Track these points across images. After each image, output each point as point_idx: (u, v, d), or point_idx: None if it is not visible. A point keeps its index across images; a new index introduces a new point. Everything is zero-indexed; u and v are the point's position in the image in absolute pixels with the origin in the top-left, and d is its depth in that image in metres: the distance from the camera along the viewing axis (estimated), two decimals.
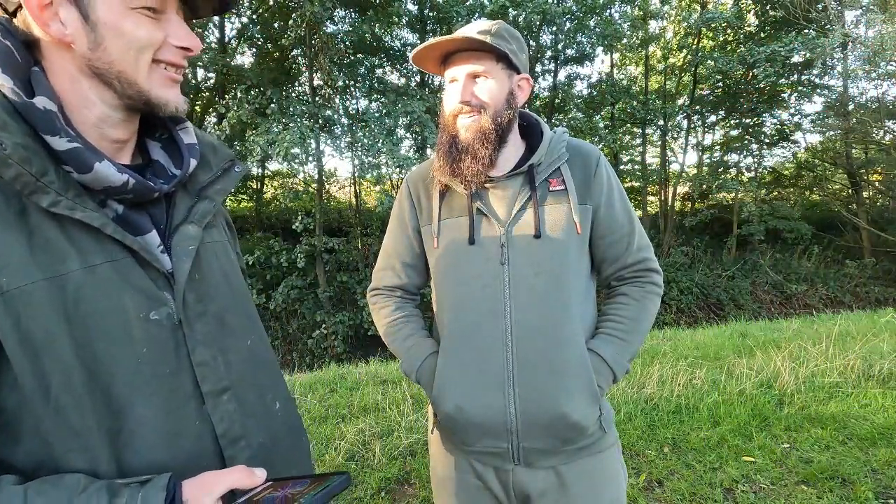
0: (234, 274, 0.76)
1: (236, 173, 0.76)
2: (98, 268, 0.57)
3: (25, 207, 0.54)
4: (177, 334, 0.63)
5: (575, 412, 0.99)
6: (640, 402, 3.18)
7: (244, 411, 0.68)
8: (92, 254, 0.57)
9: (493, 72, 1.00)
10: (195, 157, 0.70)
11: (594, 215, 1.06)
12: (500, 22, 1.02)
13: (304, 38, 8.79)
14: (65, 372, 0.54)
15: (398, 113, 8.58)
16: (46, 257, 0.54)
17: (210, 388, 0.65)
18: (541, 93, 13.32)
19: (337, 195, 13.73)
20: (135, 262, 0.60)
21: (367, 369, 4.43)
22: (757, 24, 13.01)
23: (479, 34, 0.97)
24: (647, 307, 1.08)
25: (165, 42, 0.60)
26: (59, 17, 0.55)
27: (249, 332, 0.74)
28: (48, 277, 0.54)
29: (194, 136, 0.72)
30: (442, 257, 1.08)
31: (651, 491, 2.32)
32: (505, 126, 1.03)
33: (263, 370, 0.75)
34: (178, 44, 0.61)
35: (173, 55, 0.61)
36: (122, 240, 0.59)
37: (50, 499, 0.50)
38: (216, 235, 0.75)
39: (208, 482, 0.57)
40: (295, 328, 9.29)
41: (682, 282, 10.93)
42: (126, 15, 0.56)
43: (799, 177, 15.19)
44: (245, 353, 0.72)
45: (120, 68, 0.58)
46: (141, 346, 0.59)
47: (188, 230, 0.67)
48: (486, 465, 1.07)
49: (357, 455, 2.61)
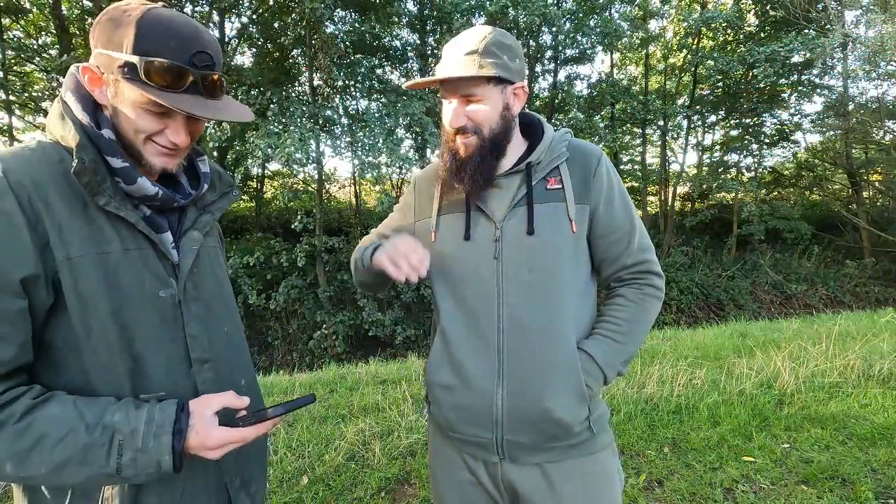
0: (221, 273, 0.97)
1: (233, 196, 1.00)
2: (130, 252, 0.79)
3: (87, 204, 0.76)
4: (176, 311, 0.83)
5: (558, 409, 1.00)
6: (640, 402, 3.18)
7: (218, 381, 0.87)
8: (127, 241, 0.79)
9: (485, 94, 1.00)
10: (207, 183, 0.94)
11: (593, 215, 1.06)
12: (493, 32, 1.00)
13: (303, 38, 8.80)
14: (101, 321, 0.74)
15: (398, 113, 8.58)
16: (98, 239, 0.76)
17: (196, 356, 0.85)
18: (541, 93, 13.32)
19: (337, 195, 13.73)
20: (154, 252, 0.82)
21: (367, 369, 4.43)
22: (757, 24, 13.01)
23: (466, 56, 0.97)
24: (644, 309, 1.08)
25: (163, 132, 0.80)
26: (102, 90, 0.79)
27: (228, 320, 0.94)
28: (99, 253, 0.75)
29: (209, 167, 0.96)
30: (439, 251, 1.11)
31: (651, 491, 2.32)
32: (502, 139, 1.05)
33: (235, 351, 0.95)
34: (170, 138, 0.81)
35: (165, 143, 0.81)
36: (148, 234, 0.80)
37: (93, 404, 0.72)
38: (212, 242, 0.96)
39: (207, 402, 0.78)
40: (295, 328, 9.28)
41: (682, 282, 10.93)
42: (136, 109, 0.78)
43: (799, 177, 15.18)
44: (223, 335, 0.91)
45: (125, 136, 0.80)
46: (153, 315, 0.80)
47: (193, 235, 0.89)
48: (476, 458, 1.09)
49: (357, 455, 2.61)
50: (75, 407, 0.70)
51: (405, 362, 4.72)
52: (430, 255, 1.12)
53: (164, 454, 0.71)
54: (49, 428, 0.68)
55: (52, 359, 0.75)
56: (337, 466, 2.50)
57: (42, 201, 0.72)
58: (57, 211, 0.73)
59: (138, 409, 0.73)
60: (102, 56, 0.76)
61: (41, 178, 0.73)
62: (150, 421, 0.72)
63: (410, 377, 3.92)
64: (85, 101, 0.79)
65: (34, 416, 0.68)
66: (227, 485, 0.89)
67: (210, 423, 0.76)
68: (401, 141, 9.35)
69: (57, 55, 8.27)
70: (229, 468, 0.90)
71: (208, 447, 0.75)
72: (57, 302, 0.73)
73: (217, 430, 0.76)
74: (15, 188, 0.70)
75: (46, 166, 0.75)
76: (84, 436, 0.69)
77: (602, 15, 11.10)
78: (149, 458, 0.71)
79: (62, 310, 0.73)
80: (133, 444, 0.70)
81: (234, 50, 11.04)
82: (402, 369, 4.29)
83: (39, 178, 0.73)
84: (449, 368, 1.07)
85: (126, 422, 0.71)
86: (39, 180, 0.73)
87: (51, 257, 0.71)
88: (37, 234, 0.70)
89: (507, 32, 1.04)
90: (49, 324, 0.74)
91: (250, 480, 0.95)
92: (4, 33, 9.19)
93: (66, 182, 0.75)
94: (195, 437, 0.75)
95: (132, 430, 0.71)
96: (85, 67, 0.78)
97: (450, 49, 1.01)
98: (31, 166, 0.73)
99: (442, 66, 1.02)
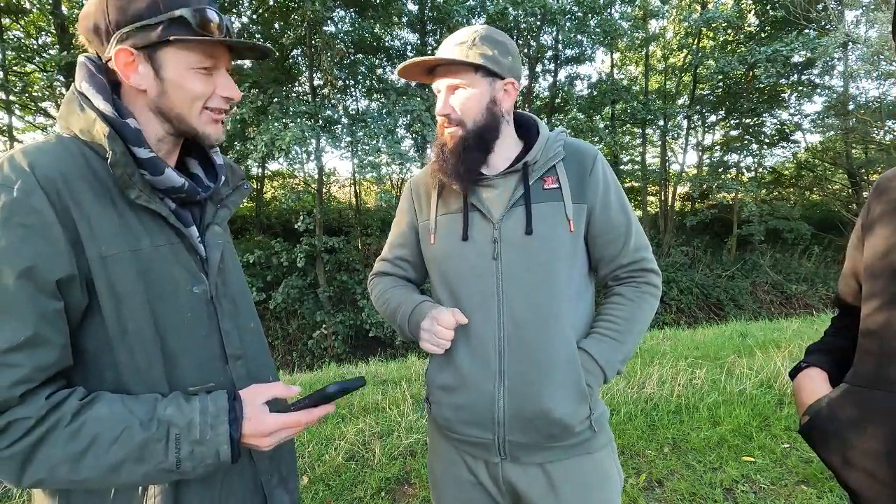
0: (239, 269, 0.95)
1: (246, 190, 0.97)
2: (161, 247, 0.76)
3: (114, 199, 0.73)
4: (210, 307, 0.81)
5: (559, 408, 1.00)
6: (640, 402, 3.18)
7: (250, 378, 0.85)
8: (156, 236, 0.76)
9: (472, 82, 1.03)
10: (224, 175, 0.91)
11: (590, 214, 1.07)
12: (486, 28, 1.04)
13: (304, 38, 8.80)
14: (137, 321, 0.71)
15: (398, 112, 8.58)
16: (129, 235, 0.72)
17: (231, 352, 0.83)
18: (541, 93, 13.32)
19: (337, 195, 13.73)
20: (183, 246, 0.79)
21: (367, 369, 4.43)
22: (757, 24, 13.01)
23: (456, 46, 1.01)
24: (642, 307, 1.08)
25: (214, 93, 0.79)
26: (139, 71, 0.74)
27: (252, 316, 0.93)
28: (131, 249, 0.72)
29: (222, 159, 0.93)
30: (438, 252, 1.11)
31: (651, 491, 2.32)
32: (487, 133, 1.06)
33: (262, 348, 0.93)
34: (223, 94, 0.80)
35: (219, 102, 0.80)
36: (179, 228, 0.78)
37: (141, 401, 0.70)
38: (227, 237, 0.93)
39: (258, 391, 0.78)
40: (295, 328, 9.29)
41: (681, 282, 10.93)
42: (187, 74, 0.75)
43: (799, 177, 15.18)
44: (250, 331, 0.90)
45: (179, 111, 0.77)
46: (186, 311, 0.77)
47: (216, 229, 0.87)
48: (476, 458, 1.09)
49: (357, 455, 2.61)
50: (124, 405, 0.68)
51: (405, 362, 4.72)
52: (431, 257, 1.14)
53: (223, 443, 0.70)
54: (102, 428, 0.66)
55: (84, 363, 0.72)
56: (337, 466, 2.50)
57: (71, 197, 0.68)
58: (86, 207, 0.69)
59: (190, 402, 0.72)
60: (131, 33, 0.72)
61: (69, 173, 0.69)
62: (205, 411, 0.71)
63: (410, 377, 3.92)
64: (104, 91, 0.75)
65: (85, 416, 0.66)
66: (263, 483, 0.88)
67: (262, 410, 0.75)
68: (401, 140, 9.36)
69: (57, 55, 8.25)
70: (265, 467, 0.88)
71: (263, 433, 0.74)
72: (91, 302, 0.70)
73: (270, 417, 0.75)
74: (43, 183, 0.66)
75: (70, 160, 0.71)
76: (139, 432, 0.67)
77: (602, 15, 11.10)
78: (207, 449, 0.69)
79: (96, 311, 0.70)
80: (190, 435, 0.69)
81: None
82: (402, 369, 4.28)
83: (66, 173, 0.69)
84: (449, 369, 1.08)
85: (180, 414, 0.69)
86: (66, 174, 0.69)
87: (83, 256, 0.68)
88: (68, 232, 0.67)
89: (502, 31, 1.06)
90: (82, 326, 0.71)
91: (288, 477, 0.94)
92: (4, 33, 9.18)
93: (92, 176, 0.72)
94: (249, 425, 0.73)
95: (188, 421, 0.69)
96: (120, 51, 0.73)
97: (444, 43, 1.05)
98: (57, 160, 0.70)
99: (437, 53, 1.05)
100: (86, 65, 0.76)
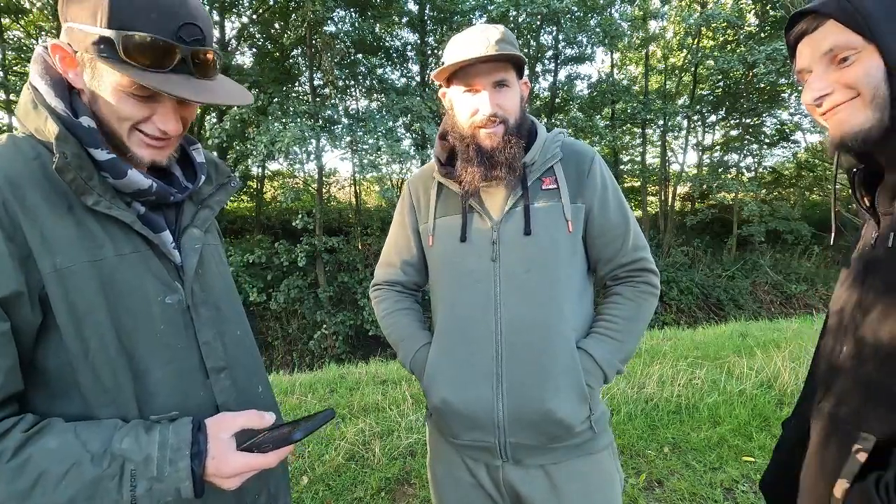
0: (225, 273, 0.89)
1: (232, 187, 0.89)
2: (127, 256, 0.69)
3: (72, 205, 0.66)
4: (186, 317, 0.75)
5: (560, 409, 0.99)
6: (640, 402, 3.18)
7: (236, 389, 0.80)
8: (122, 244, 0.69)
9: (511, 80, 1.02)
10: (203, 174, 0.84)
11: (588, 214, 1.06)
12: (502, 27, 1.01)
13: (304, 38, 8.80)
14: (100, 337, 0.65)
15: (398, 112, 8.59)
16: (89, 244, 0.66)
17: (212, 364, 0.77)
18: (541, 93, 13.32)
19: (337, 195, 13.73)
20: (153, 254, 0.73)
21: (367, 369, 4.43)
22: (757, 24, 13.01)
23: (496, 44, 0.96)
24: (641, 307, 1.08)
25: (150, 119, 0.70)
26: (76, 70, 0.68)
27: (238, 322, 0.86)
28: (90, 260, 0.65)
29: (203, 157, 0.86)
30: (437, 254, 1.11)
31: (651, 491, 2.32)
32: (521, 130, 1.05)
33: (250, 355, 0.87)
34: (159, 126, 0.71)
35: (154, 131, 0.71)
36: (146, 235, 0.71)
37: (96, 431, 0.63)
38: (212, 239, 0.87)
39: (225, 422, 0.70)
40: (295, 328, 9.29)
41: (682, 282, 10.93)
42: (115, 94, 0.67)
43: (799, 177, 15.18)
44: (236, 339, 0.84)
45: (108, 124, 0.69)
46: (158, 324, 0.71)
47: (194, 232, 0.80)
48: (477, 461, 1.08)
49: (357, 455, 2.61)
50: (76, 436, 0.62)
51: None
52: (430, 259, 1.14)
53: (184, 480, 0.64)
54: (48, 463, 0.59)
55: (46, 384, 0.66)
56: (337, 466, 2.50)
57: (20, 205, 0.62)
58: (38, 215, 0.63)
59: (149, 433, 0.65)
60: (73, 31, 0.65)
61: (16, 178, 0.63)
62: (164, 445, 0.64)
63: (410, 377, 3.92)
64: (58, 86, 0.68)
65: (29, 451, 0.59)
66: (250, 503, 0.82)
67: (227, 447, 0.68)
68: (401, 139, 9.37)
69: None
70: (251, 485, 0.80)
71: (224, 475, 0.67)
72: (46, 320, 0.64)
73: (235, 456, 0.68)
74: None
75: (21, 164, 0.64)
76: (90, 468, 0.60)
77: (602, 15, 11.11)
78: (166, 487, 0.63)
79: (53, 328, 0.64)
80: (147, 472, 0.62)
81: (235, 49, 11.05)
82: (402, 369, 4.28)
83: (14, 178, 0.63)
84: (447, 374, 1.07)
85: (137, 447, 0.63)
86: (14, 180, 0.63)
87: (35, 270, 0.62)
88: (15, 245, 0.61)
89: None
90: (40, 345, 0.65)
91: (277, 495, 0.88)
92: (4, 33, 9.19)
93: (46, 181, 0.65)
94: (212, 464, 0.67)
95: (145, 456, 0.63)
96: (55, 46, 0.67)
97: (467, 43, 0.98)
98: (5, 164, 0.63)
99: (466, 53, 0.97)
100: (42, 56, 0.70)
